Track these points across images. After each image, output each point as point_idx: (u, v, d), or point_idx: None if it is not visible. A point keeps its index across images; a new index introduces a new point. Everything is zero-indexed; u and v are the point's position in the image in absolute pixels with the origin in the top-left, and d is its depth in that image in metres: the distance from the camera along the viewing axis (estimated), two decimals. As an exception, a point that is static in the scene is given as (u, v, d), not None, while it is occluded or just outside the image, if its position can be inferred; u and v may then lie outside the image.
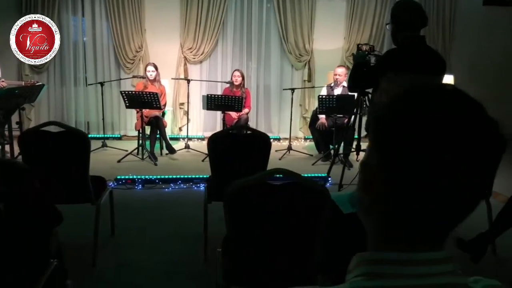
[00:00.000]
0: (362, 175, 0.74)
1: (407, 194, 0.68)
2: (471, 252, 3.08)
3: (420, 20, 2.74)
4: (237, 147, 3.10)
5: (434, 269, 0.69)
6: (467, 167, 0.65)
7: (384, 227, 0.72)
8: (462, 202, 0.68)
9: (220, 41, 7.84)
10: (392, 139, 0.69)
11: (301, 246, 1.93)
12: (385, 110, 0.72)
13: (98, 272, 3.07)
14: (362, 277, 0.71)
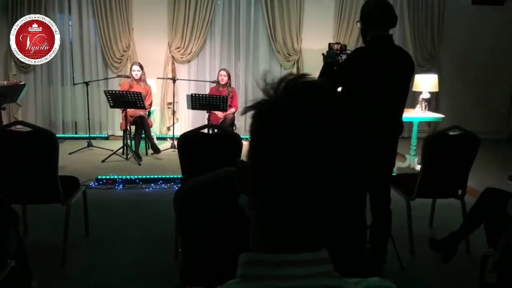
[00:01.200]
0: (240, 175, 0.73)
1: (270, 193, 0.67)
2: (442, 251, 3.07)
3: (389, 19, 2.71)
4: (208, 147, 3.08)
5: (309, 270, 0.67)
6: (323, 164, 0.64)
7: (260, 228, 0.71)
8: (325, 201, 0.67)
9: (208, 41, 7.83)
10: (252, 138, 0.69)
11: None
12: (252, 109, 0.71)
13: (67, 273, 3.05)
14: (239, 279, 0.70)
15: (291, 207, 0.67)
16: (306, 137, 0.64)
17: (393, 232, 3.61)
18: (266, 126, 0.67)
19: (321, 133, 0.64)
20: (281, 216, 0.68)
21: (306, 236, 0.69)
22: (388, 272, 3.13)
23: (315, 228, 0.70)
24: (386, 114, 2.72)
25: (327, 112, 0.66)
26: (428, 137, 3.34)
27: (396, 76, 2.69)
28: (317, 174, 0.65)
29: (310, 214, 0.68)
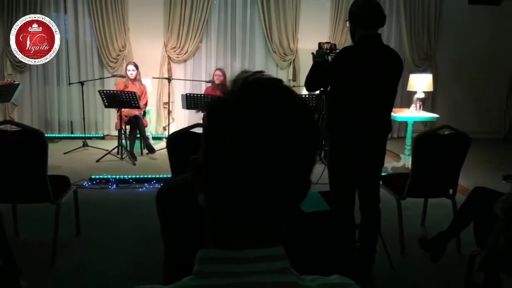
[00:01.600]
0: (193, 173, 0.73)
1: (223, 190, 0.68)
2: (432, 251, 3.07)
3: (377, 19, 2.71)
4: (199, 146, 3.06)
5: (264, 267, 0.67)
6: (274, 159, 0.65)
7: (214, 224, 0.71)
8: (278, 197, 0.67)
9: (204, 40, 7.82)
10: (204, 134, 0.69)
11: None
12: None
13: (56, 272, 3.05)
14: (192, 275, 0.70)
15: (244, 203, 0.67)
16: (256, 132, 0.64)
17: (385, 232, 3.61)
18: (216, 122, 0.67)
19: (271, 128, 0.64)
20: (234, 213, 0.68)
21: (261, 232, 0.69)
22: (378, 271, 3.14)
23: (269, 224, 0.70)
24: (373, 113, 2.72)
25: (278, 107, 0.66)
26: (418, 136, 3.34)
27: (383, 75, 2.69)
28: (269, 170, 0.65)
29: (263, 211, 0.68)
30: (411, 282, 3.09)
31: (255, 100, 0.66)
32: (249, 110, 0.65)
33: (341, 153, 2.78)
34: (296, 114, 0.67)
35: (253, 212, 0.68)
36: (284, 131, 0.65)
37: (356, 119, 2.70)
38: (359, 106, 2.69)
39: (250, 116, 0.65)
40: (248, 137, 0.64)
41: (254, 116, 0.65)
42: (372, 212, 2.93)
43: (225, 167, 0.66)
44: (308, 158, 0.68)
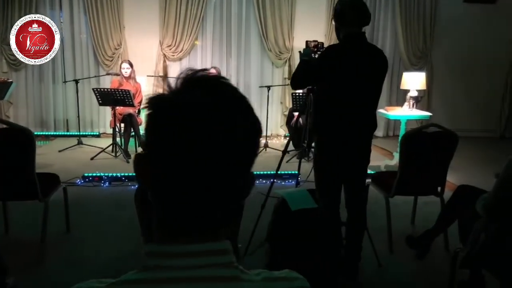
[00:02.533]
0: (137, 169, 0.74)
1: (163, 185, 0.69)
2: (417, 248, 3.08)
3: (362, 17, 2.71)
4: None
5: (203, 261, 0.68)
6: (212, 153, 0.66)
7: (158, 219, 0.73)
8: (218, 192, 0.69)
9: (199, 38, 7.83)
10: (145, 130, 0.70)
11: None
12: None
13: (44, 269, 3.06)
14: (136, 269, 0.71)
15: (185, 198, 0.68)
16: (194, 127, 0.65)
17: (374, 230, 3.62)
18: (157, 117, 0.69)
19: (209, 123, 0.66)
20: (176, 207, 0.70)
21: (203, 227, 0.71)
22: (365, 269, 3.15)
23: (211, 219, 0.71)
24: (358, 112, 2.73)
25: (217, 103, 0.67)
26: (406, 135, 3.35)
27: (368, 73, 2.70)
28: (208, 164, 0.66)
29: (204, 206, 0.69)
30: (397, 280, 3.10)
31: (194, 96, 0.68)
32: (188, 106, 0.67)
33: (327, 151, 2.79)
34: (234, 110, 0.69)
35: (194, 207, 0.69)
36: (222, 126, 0.66)
37: (341, 117, 2.71)
38: (344, 104, 2.70)
39: (189, 111, 0.66)
40: (187, 132, 0.65)
41: (193, 111, 0.66)
42: (358, 209, 2.94)
43: (165, 161, 0.67)
44: (246, 152, 0.70)
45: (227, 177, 0.68)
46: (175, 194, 0.69)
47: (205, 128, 0.65)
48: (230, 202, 0.72)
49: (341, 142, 2.74)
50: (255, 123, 0.72)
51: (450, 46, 8.19)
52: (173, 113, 0.67)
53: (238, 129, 0.68)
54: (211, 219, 0.71)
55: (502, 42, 8.13)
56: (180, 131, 0.65)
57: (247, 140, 0.69)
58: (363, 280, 3.06)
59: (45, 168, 5.41)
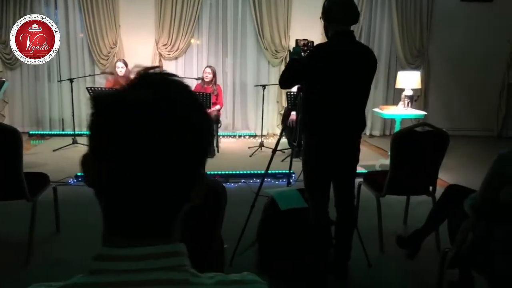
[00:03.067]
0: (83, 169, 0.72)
1: (107, 186, 0.67)
2: (407, 248, 3.06)
3: (350, 15, 2.69)
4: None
5: (152, 264, 0.67)
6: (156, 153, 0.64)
7: (105, 222, 0.71)
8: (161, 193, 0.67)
9: (195, 37, 7.82)
10: (89, 128, 0.69)
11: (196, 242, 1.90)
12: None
13: (30, 269, 3.04)
14: (85, 273, 0.69)
15: (129, 200, 0.66)
16: (133, 125, 0.63)
17: (367, 230, 3.61)
18: (96, 115, 0.67)
19: (154, 122, 0.64)
20: (121, 210, 0.68)
21: (151, 230, 0.69)
22: (355, 269, 3.13)
23: (158, 221, 0.69)
24: (347, 110, 2.70)
25: (166, 101, 0.65)
26: (396, 134, 3.33)
27: (357, 72, 2.67)
28: (148, 164, 0.64)
29: (150, 207, 0.67)
30: (387, 280, 3.08)
31: (138, 94, 0.66)
32: (129, 104, 0.65)
33: (316, 150, 2.77)
34: (180, 108, 0.67)
35: (138, 208, 0.67)
36: (164, 125, 0.64)
37: (330, 115, 2.69)
38: (333, 103, 2.68)
39: (130, 109, 0.64)
40: (127, 131, 0.63)
41: (134, 109, 0.64)
42: (347, 209, 2.92)
43: (106, 161, 0.65)
44: (193, 152, 0.68)
45: (172, 177, 0.66)
46: (118, 195, 0.67)
47: (146, 127, 0.63)
48: (177, 203, 0.70)
49: (331, 141, 2.72)
50: (203, 122, 0.70)
51: (447, 44, 8.16)
52: (114, 111, 0.65)
53: (183, 128, 0.66)
54: (159, 220, 0.69)
55: (499, 41, 8.10)
56: (120, 129, 0.63)
57: (194, 139, 0.67)
58: (352, 280, 3.04)
59: (39, 168, 5.39)
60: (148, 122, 0.63)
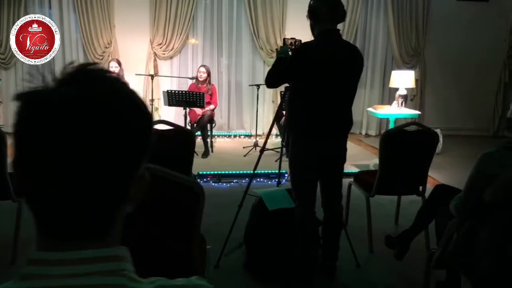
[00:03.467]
0: None
1: (31, 188, 0.65)
2: (395, 248, 3.04)
3: (336, 14, 2.67)
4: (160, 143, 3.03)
5: (87, 269, 0.64)
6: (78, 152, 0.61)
7: (36, 225, 0.68)
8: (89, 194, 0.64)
9: (190, 37, 7.79)
10: (13, 128, 0.65)
11: (175, 242, 1.88)
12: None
13: (16, 269, 3.02)
14: (18, 278, 0.67)
15: (56, 203, 0.64)
16: (63, 122, 0.61)
17: (357, 230, 3.59)
18: (18, 114, 0.64)
19: (80, 119, 0.61)
20: (49, 211, 0.65)
21: (85, 233, 0.66)
22: (344, 269, 3.11)
23: (93, 224, 0.66)
24: (333, 109, 2.68)
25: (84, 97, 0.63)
26: (385, 133, 3.31)
27: (343, 71, 2.65)
28: (75, 164, 0.61)
29: (78, 209, 0.64)
30: (375, 280, 3.06)
31: (61, 91, 0.64)
32: (50, 102, 0.62)
33: (301, 150, 2.75)
34: (112, 105, 0.64)
35: (69, 212, 0.64)
36: (94, 123, 0.62)
37: (315, 115, 2.66)
38: (318, 102, 2.65)
39: (51, 107, 0.62)
40: (51, 129, 0.61)
41: (55, 107, 0.61)
42: (334, 209, 2.90)
43: (29, 163, 0.63)
44: (125, 151, 0.65)
45: (101, 177, 0.63)
46: (45, 197, 0.64)
47: (70, 125, 0.61)
48: (112, 204, 0.67)
49: (317, 140, 2.69)
50: (138, 120, 0.67)
51: (443, 44, 8.13)
52: (35, 109, 0.62)
53: (111, 125, 0.63)
54: (93, 223, 0.66)
55: (495, 40, 8.08)
56: (40, 129, 0.61)
57: (125, 137, 0.64)
58: (340, 280, 3.02)
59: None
60: (71, 120, 0.61)
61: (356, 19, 7.90)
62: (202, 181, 5.10)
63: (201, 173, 5.20)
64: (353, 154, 6.46)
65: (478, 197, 2.03)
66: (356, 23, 7.93)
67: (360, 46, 8.10)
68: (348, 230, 3.77)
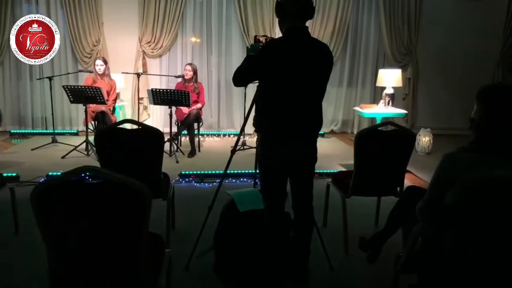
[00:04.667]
0: None
1: None
2: (368, 251, 2.97)
3: (304, 11, 2.59)
4: (127, 143, 2.97)
5: None
6: None
7: None
8: None
9: (179, 35, 7.73)
10: None
11: (121, 248, 1.82)
12: None
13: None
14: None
15: None
16: None
17: (336, 232, 3.53)
18: None
19: None
20: None
21: None
22: (316, 271, 3.05)
23: None
24: (300, 108, 2.60)
25: None
26: (359, 133, 3.23)
27: (311, 68, 2.57)
28: None
29: None
30: (348, 283, 2.99)
31: None
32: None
33: (269, 149, 2.68)
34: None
35: None
36: None
37: (283, 113, 2.59)
38: (285, 100, 2.57)
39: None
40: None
41: None
42: (304, 210, 2.82)
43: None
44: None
45: None
46: None
47: None
48: None
49: (284, 139, 2.62)
50: None
51: (436, 42, 8.05)
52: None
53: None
54: None
55: (489, 37, 7.99)
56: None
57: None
58: (312, 283, 2.95)
59: (15, 167, 5.34)
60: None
61: (347, 17, 7.82)
62: (184, 181, 5.03)
63: (184, 173, 5.14)
64: (343, 154, 6.39)
65: (440, 199, 1.96)
66: (347, 21, 7.85)
67: (352, 45, 8.03)
68: (326, 231, 3.73)
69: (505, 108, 1.89)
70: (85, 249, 1.82)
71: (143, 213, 1.77)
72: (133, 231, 1.80)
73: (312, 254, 3.10)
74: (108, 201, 1.75)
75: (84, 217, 1.77)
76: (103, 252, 1.82)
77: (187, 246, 3.20)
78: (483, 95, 1.97)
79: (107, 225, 1.78)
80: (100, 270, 1.85)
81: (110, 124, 5.68)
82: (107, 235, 1.79)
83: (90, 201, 1.75)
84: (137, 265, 1.84)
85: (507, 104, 1.89)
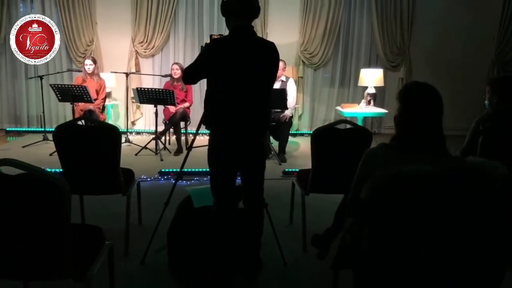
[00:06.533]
0: None
1: None
2: (318, 248, 3.01)
3: (249, 10, 2.64)
4: (85, 139, 3.05)
5: None
6: None
7: None
8: None
9: (172, 35, 7.82)
10: None
11: (41, 239, 1.89)
12: None
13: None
14: None
15: None
16: None
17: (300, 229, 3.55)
18: None
19: None
20: None
21: None
22: (270, 267, 3.08)
23: None
24: (246, 106, 2.65)
25: None
26: (315, 131, 3.26)
27: (254, 66, 2.62)
28: None
29: None
30: (300, 279, 3.02)
31: None
32: None
33: (217, 145, 2.74)
34: None
35: None
36: None
37: (228, 111, 2.64)
38: (231, 98, 2.63)
39: None
40: None
41: None
42: (254, 206, 2.87)
43: None
44: None
45: None
46: None
47: None
48: None
49: (231, 136, 2.68)
50: None
51: (429, 41, 8.01)
52: None
53: None
54: None
55: (483, 36, 7.93)
56: None
57: None
58: (262, 278, 2.99)
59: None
60: None
61: (338, 17, 7.83)
62: (163, 178, 5.11)
63: (163, 170, 5.22)
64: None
65: (357, 196, 1.99)
66: (339, 21, 7.86)
67: (344, 45, 8.03)
68: (290, 228, 3.78)
69: (417, 104, 1.92)
70: (2, 241, 1.89)
71: (61, 205, 1.84)
72: (52, 223, 1.87)
73: (268, 251, 3.16)
74: (26, 194, 1.82)
75: (2, 209, 1.84)
76: (23, 243, 1.89)
77: (154, 241, 3.27)
78: (400, 93, 2.01)
79: (25, 217, 1.85)
80: (21, 260, 1.92)
81: (68, 121, 5.77)
82: (26, 227, 1.87)
83: (8, 194, 1.83)
84: (61, 256, 1.91)
85: (419, 99, 1.92)
